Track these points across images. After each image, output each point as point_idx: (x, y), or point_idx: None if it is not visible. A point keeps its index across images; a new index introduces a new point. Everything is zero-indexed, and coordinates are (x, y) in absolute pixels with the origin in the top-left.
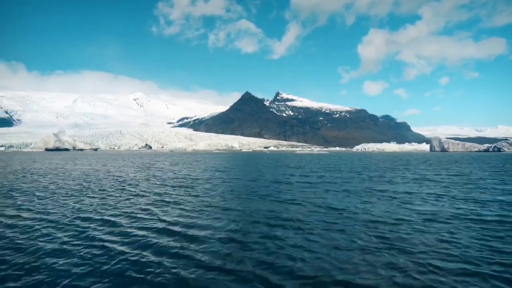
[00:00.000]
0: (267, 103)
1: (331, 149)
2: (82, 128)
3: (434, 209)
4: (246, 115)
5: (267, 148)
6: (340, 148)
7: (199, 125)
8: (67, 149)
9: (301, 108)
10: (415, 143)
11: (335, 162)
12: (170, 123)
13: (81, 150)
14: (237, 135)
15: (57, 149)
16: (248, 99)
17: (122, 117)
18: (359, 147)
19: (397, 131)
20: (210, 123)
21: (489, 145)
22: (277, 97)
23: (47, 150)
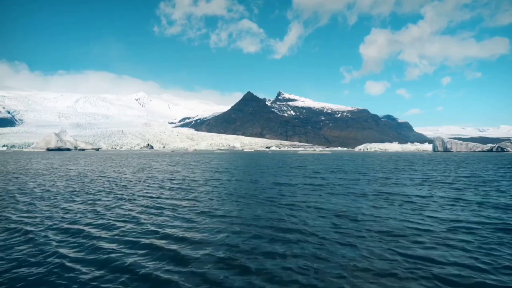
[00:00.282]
0: (269, 103)
1: (333, 149)
2: (84, 128)
3: (454, 215)
4: (248, 115)
5: (268, 148)
6: (342, 148)
7: (200, 125)
8: (68, 149)
9: (302, 108)
10: (417, 143)
11: (338, 162)
12: (172, 123)
13: (83, 150)
14: (238, 135)
15: (59, 149)
16: (250, 99)
17: (124, 117)
18: (361, 147)
19: (399, 131)
20: (211, 123)
21: (492, 145)
22: (278, 97)
23: (49, 150)
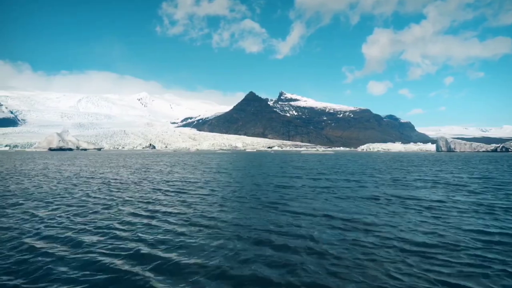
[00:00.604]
0: (271, 103)
1: (335, 149)
2: (87, 128)
3: (483, 225)
4: (250, 115)
5: (271, 148)
6: (344, 148)
7: (203, 125)
8: (70, 149)
9: (305, 108)
10: (420, 143)
11: (341, 162)
12: (174, 123)
13: (85, 150)
14: (240, 135)
15: (61, 149)
16: (252, 99)
17: (127, 117)
18: (364, 147)
19: (401, 131)
20: (214, 123)
21: (496, 145)
22: (281, 97)
23: (51, 150)
